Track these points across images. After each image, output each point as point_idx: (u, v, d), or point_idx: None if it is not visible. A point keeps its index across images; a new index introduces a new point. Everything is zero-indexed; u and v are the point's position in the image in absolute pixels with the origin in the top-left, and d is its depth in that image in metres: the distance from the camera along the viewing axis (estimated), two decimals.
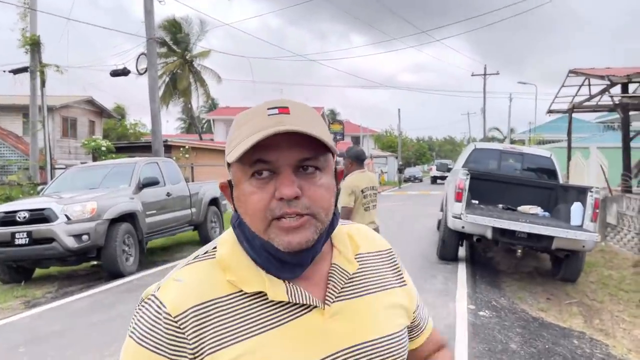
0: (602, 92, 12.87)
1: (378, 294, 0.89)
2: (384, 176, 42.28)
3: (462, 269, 7.84)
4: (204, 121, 48.30)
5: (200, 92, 36.82)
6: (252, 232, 0.80)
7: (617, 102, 12.04)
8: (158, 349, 0.76)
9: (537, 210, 8.21)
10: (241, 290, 0.79)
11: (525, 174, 9.03)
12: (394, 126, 56.41)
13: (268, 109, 0.80)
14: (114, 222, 7.41)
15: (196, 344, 0.76)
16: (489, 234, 7.01)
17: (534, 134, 33.57)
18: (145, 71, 12.43)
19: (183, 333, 0.76)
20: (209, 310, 0.77)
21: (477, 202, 8.43)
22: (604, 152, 17.69)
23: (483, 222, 6.94)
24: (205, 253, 0.85)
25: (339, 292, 0.84)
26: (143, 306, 0.80)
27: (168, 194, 8.99)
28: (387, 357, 0.84)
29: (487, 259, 9.08)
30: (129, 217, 7.77)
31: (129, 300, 6.15)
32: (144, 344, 0.77)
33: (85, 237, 7.01)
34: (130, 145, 22.79)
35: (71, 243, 6.92)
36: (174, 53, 35.47)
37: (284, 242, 0.77)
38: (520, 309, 6.13)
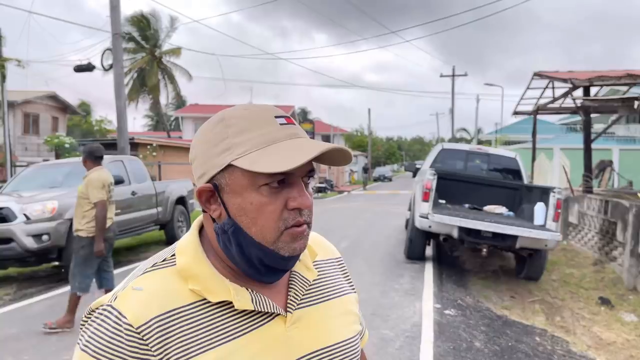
0: (565, 94, 13.23)
1: (334, 301, 0.90)
2: (354, 175, 42.41)
3: (429, 268, 7.94)
4: (172, 119, 47.58)
5: (170, 89, 36.26)
6: (251, 241, 0.77)
7: (579, 105, 12.40)
8: None
9: (502, 210, 8.38)
10: (204, 299, 0.77)
11: (491, 175, 9.20)
12: (364, 125, 56.87)
13: (275, 117, 0.79)
14: None
15: (161, 356, 0.72)
16: (455, 234, 7.11)
17: (501, 135, 34.32)
18: (111, 67, 12.13)
19: (147, 345, 0.71)
20: (173, 320, 0.74)
21: (444, 201, 8.55)
22: (567, 153, 18.24)
23: (449, 222, 7.03)
24: (163, 261, 0.81)
25: (300, 300, 0.85)
26: (98, 317, 0.75)
27: (133, 193, 8.80)
28: None
29: (453, 258, 9.22)
30: None
31: (91, 302, 5.98)
32: (101, 357, 0.71)
33: (45, 237, 6.78)
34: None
35: (30, 243, 6.69)
36: (142, 49, 34.80)
37: (291, 249, 0.78)
38: (485, 307, 6.23)
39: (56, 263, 7.59)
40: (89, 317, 0.77)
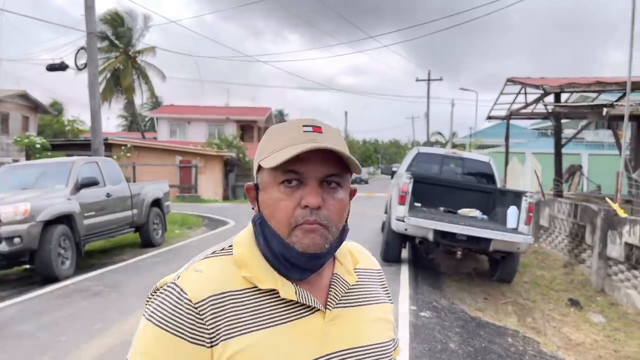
0: (537, 100, 13.56)
1: (371, 307, 0.97)
2: None
3: (404, 271, 8.03)
4: (147, 119, 46.92)
5: (145, 89, 35.77)
6: (272, 233, 0.87)
7: (550, 111, 12.73)
8: (179, 332, 0.81)
9: (476, 213, 8.53)
10: (255, 287, 0.87)
11: (466, 178, 9.36)
12: (341, 128, 57.06)
13: (303, 126, 0.88)
14: (49, 224, 7.06)
15: (213, 330, 0.82)
16: (430, 236, 7.22)
17: (475, 139, 34.89)
18: (85, 66, 11.93)
19: (202, 319, 0.82)
20: (225, 301, 0.84)
21: (419, 204, 8.66)
22: (539, 157, 18.66)
23: (425, 225, 7.13)
24: (222, 250, 0.92)
25: (339, 300, 0.92)
26: (163, 293, 0.86)
27: (108, 195, 8.67)
28: None
29: (428, 261, 9.34)
30: (65, 219, 7.43)
31: (64, 306, 5.88)
32: (165, 327, 0.82)
33: (17, 239, 6.63)
34: (68, 143, 21.80)
35: (2, 246, 6.54)
36: (116, 48, 34.25)
37: (303, 245, 0.85)
38: (459, 309, 6.34)
39: (27, 266, 7.44)
40: (154, 294, 0.88)
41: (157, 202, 10.34)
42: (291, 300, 0.87)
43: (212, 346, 0.82)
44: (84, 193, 7.95)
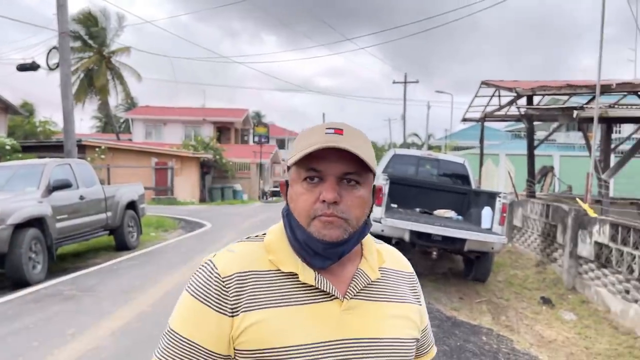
0: (510, 103, 13.81)
1: (394, 304, 1.02)
2: None
3: None
4: (121, 120, 46.22)
5: (119, 90, 35.22)
6: (297, 223, 0.97)
7: (523, 113, 12.99)
8: (207, 301, 0.94)
9: (451, 214, 8.65)
10: (279, 270, 0.97)
11: (441, 180, 9.48)
12: None
13: (326, 128, 0.97)
14: (20, 227, 6.90)
15: (235, 302, 0.93)
16: (406, 237, 7.28)
17: (450, 141, 35.34)
18: (57, 67, 11.69)
19: (227, 291, 0.94)
20: (249, 278, 0.95)
21: (396, 206, 8.73)
22: (512, 159, 19.02)
23: (401, 226, 7.20)
24: (256, 236, 1.04)
25: (358, 292, 0.98)
26: (200, 268, 0.99)
27: (81, 197, 8.51)
28: (390, 358, 0.97)
29: None
30: (36, 222, 7.27)
31: (35, 311, 5.75)
32: (196, 296, 0.95)
33: None
34: (40, 145, 21.29)
35: None
36: (90, 48, 33.65)
37: (320, 234, 0.94)
38: (435, 309, 6.42)
39: None
40: (198, 269, 1.00)
41: (132, 205, 10.19)
42: (311, 286, 0.95)
43: (233, 316, 0.93)
44: (56, 196, 7.80)
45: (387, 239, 7.88)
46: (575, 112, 8.76)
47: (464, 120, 18.50)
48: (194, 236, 12.26)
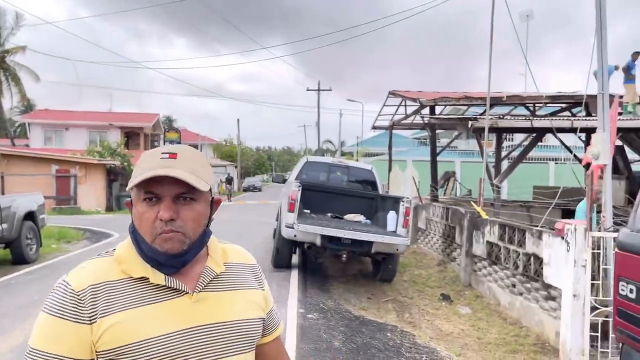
0: (415, 112, 14.66)
1: (239, 291, 1.18)
2: (223, 186, 41.79)
3: (294, 276, 8.29)
4: (17, 124, 42.85)
5: (15, 92, 32.64)
6: (142, 238, 1.08)
7: (426, 122, 13.83)
8: (64, 315, 1.02)
9: (360, 218, 9.06)
10: (130, 277, 1.07)
11: (351, 185, 9.89)
12: (233, 135, 56.63)
13: (162, 153, 1.09)
14: None
15: (91, 311, 1.03)
16: (318, 241, 7.55)
17: (362, 147, 36.52)
18: None
19: (82, 303, 1.03)
20: (102, 288, 1.05)
21: (308, 211, 8.98)
22: (419, 164, 20.10)
23: (313, 231, 7.45)
24: (106, 252, 1.14)
25: (206, 285, 1.12)
26: (54, 288, 1.07)
27: None
28: (239, 336, 1.13)
29: (317, 265, 9.71)
30: None
31: None
32: (53, 313, 1.03)
33: None
34: None
35: None
36: None
37: (163, 248, 1.06)
38: (344, 309, 6.71)
39: None
40: (50, 291, 1.07)
41: (30, 215, 9.58)
42: (163, 286, 1.08)
43: (91, 323, 1.02)
44: None
45: (300, 244, 8.11)
46: (470, 123, 9.54)
47: (374, 128, 19.30)
48: (100, 247, 11.72)
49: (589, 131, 10.00)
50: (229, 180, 33.00)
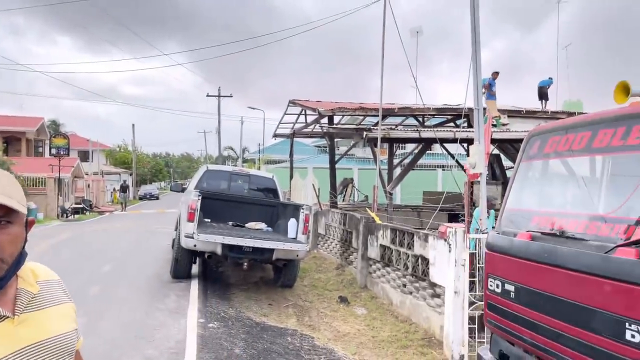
0: (315, 121, 15.12)
1: (54, 307, 1.23)
2: (117, 194, 39.70)
3: (194, 286, 8.19)
4: None
5: None
6: None
7: (325, 131, 14.32)
8: None
9: (261, 226, 9.17)
10: None
11: (252, 194, 9.97)
12: (128, 141, 54.01)
13: None
14: None
15: None
16: (219, 250, 7.55)
17: (264, 155, 36.61)
18: None
19: None
20: None
21: (209, 220, 8.93)
22: (319, 172, 20.62)
23: (214, 240, 7.44)
24: None
25: (25, 306, 1.15)
26: None
27: None
28: (62, 350, 1.19)
29: (218, 274, 9.66)
30: None
31: None
32: None
33: None
34: None
35: None
36: None
37: None
38: (246, 316, 6.80)
39: None
40: None
41: None
42: None
43: None
44: None
45: (200, 253, 8.04)
46: (364, 133, 10.08)
47: (275, 136, 19.54)
48: None
49: (469, 141, 11.02)
50: (124, 188, 31.57)
